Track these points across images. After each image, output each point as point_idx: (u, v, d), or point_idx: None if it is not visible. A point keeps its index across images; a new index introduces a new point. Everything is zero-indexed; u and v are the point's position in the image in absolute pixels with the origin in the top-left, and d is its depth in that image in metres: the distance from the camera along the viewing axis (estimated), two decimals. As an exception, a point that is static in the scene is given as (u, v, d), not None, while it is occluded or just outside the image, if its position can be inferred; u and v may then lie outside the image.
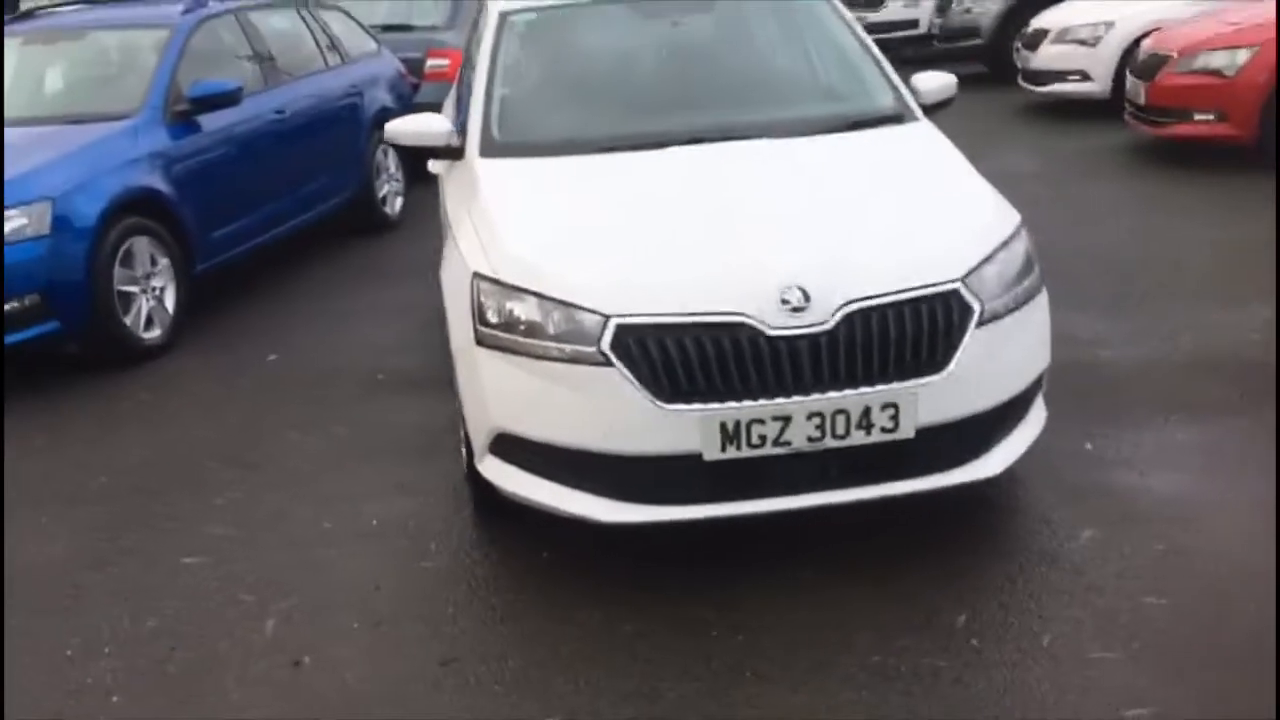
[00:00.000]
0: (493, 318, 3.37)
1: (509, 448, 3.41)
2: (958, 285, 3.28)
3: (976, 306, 3.29)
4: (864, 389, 3.17)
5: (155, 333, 5.81)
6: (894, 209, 3.61)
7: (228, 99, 6.35)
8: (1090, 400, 4.47)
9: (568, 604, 3.35)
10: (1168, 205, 7.41)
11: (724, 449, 3.15)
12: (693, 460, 3.17)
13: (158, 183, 5.87)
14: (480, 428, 3.46)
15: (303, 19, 7.87)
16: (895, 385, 3.19)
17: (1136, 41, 9.70)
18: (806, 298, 3.16)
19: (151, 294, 5.79)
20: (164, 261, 5.87)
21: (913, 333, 3.21)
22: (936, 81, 4.49)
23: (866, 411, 3.18)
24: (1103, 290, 5.70)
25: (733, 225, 3.48)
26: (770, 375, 3.14)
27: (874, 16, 16.50)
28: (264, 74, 7.10)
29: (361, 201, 7.83)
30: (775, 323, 3.15)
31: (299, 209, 7.16)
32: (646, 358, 3.15)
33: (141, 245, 5.73)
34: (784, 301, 3.16)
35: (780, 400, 3.14)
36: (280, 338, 5.94)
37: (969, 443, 3.36)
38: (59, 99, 6.39)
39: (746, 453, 3.16)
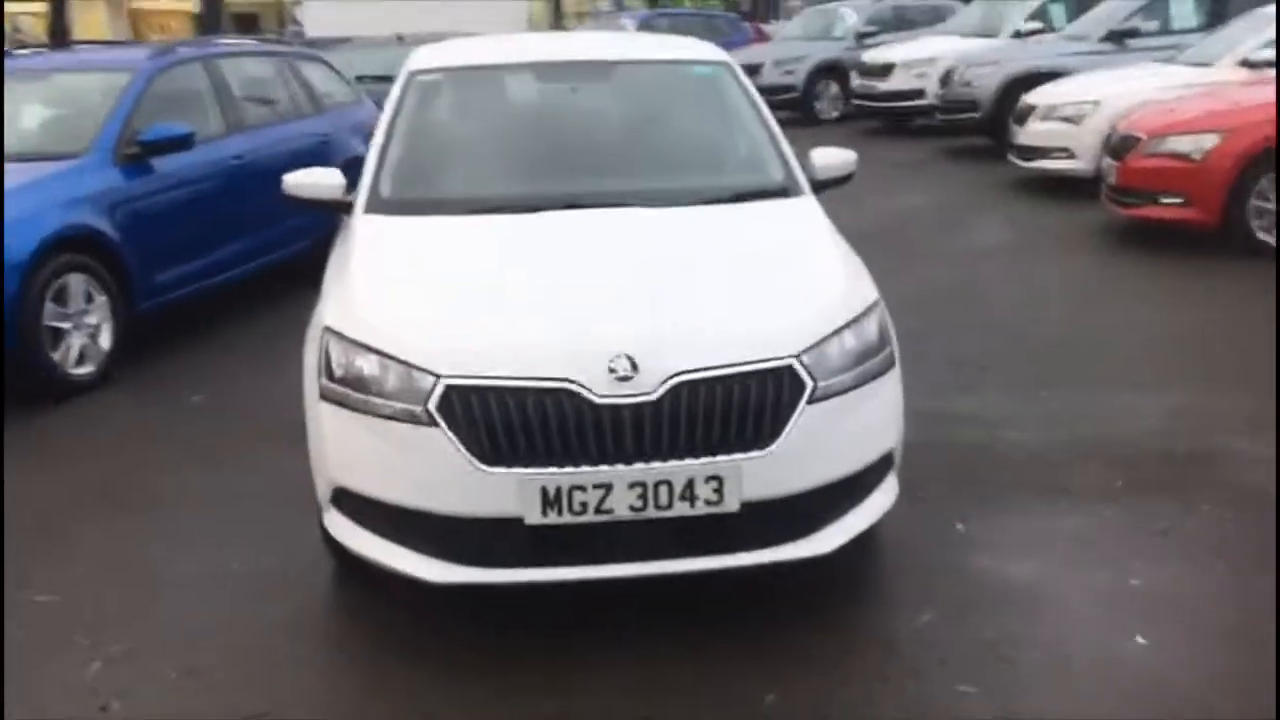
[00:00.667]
0: (338, 372, 3.42)
1: (348, 503, 3.44)
2: (791, 362, 3.30)
3: (809, 384, 3.30)
4: (688, 460, 3.18)
5: (87, 369, 5.91)
6: (744, 283, 3.63)
7: (180, 143, 6.50)
8: (977, 482, 4.45)
9: (394, 666, 3.36)
10: (1123, 288, 7.40)
11: (545, 514, 3.16)
12: (515, 524, 3.19)
13: (98, 222, 5.99)
14: (322, 481, 3.49)
15: (276, 68, 8.05)
16: (720, 459, 3.20)
17: (1124, 120, 9.75)
18: (634, 367, 3.19)
19: (85, 330, 5.90)
20: (101, 299, 5.99)
21: (740, 407, 3.22)
22: (834, 158, 4.53)
23: (690, 483, 3.19)
24: (1025, 373, 5.68)
25: (578, 292, 3.52)
26: (593, 443, 3.16)
27: (882, 85, 16.67)
28: (227, 120, 7.26)
29: (325, 249, 7.91)
30: (601, 390, 3.17)
31: (255, 254, 7.27)
32: (471, 419, 3.18)
33: (77, 282, 5.84)
34: (611, 370, 3.18)
35: (603, 468, 3.16)
36: (211, 380, 6.02)
37: (799, 519, 3.36)
38: (14, 137, 6.55)
39: (568, 519, 3.17)
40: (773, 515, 3.30)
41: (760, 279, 3.67)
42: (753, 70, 18.97)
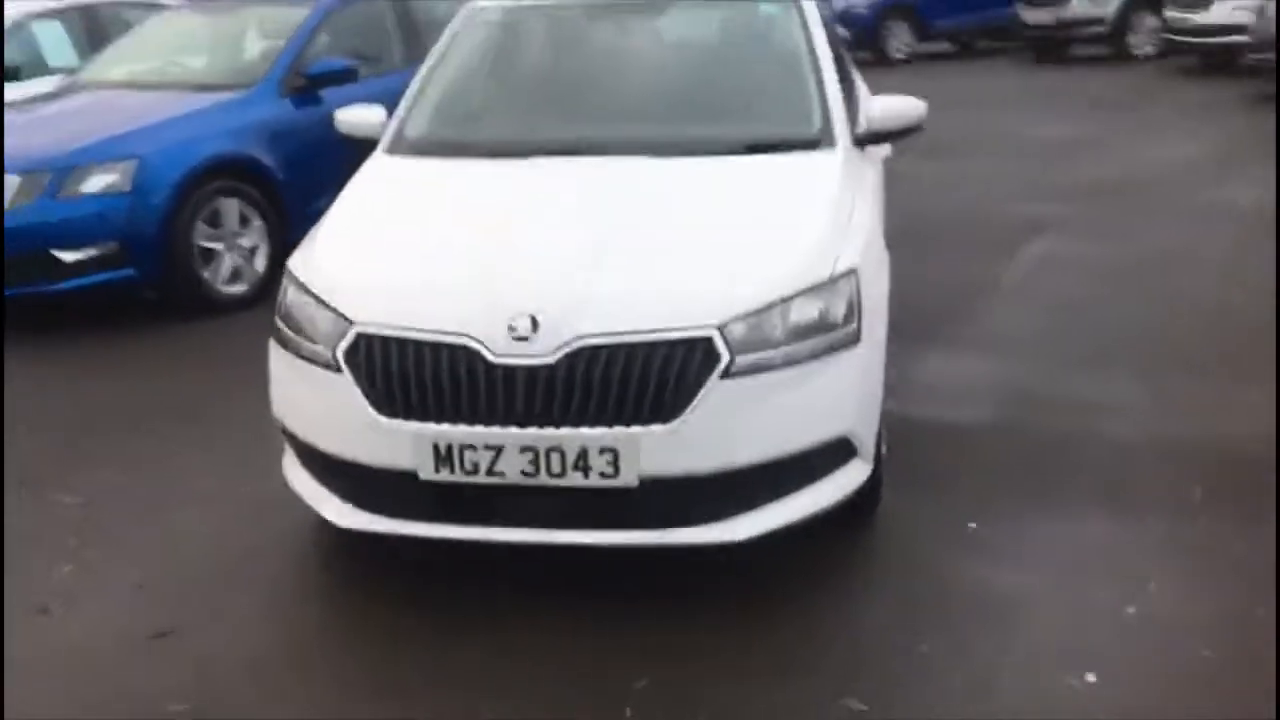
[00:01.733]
0: (283, 312, 3.48)
1: (290, 442, 3.52)
2: (709, 332, 3.06)
3: (725, 357, 3.05)
4: (582, 429, 3.03)
5: (240, 287, 6.33)
6: (696, 244, 3.39)
7: (343, 77, 6.77)
8: (1029, 478, 4.01)
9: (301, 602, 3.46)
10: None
11: (437, 470, 3.11)
12: (410, 477, 3.16)
13: (255, 150, 6.37)
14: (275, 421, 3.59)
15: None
16: (616, 430, 3.02)
17: None
18: (534, 327, 3.06)
19: (238, 252, 6.32)
20: (257, 223, 6.38)
21: (641, 377, 3.03)
22: (895, 108, 4.13)
23: (584, 453, 3.04)
24: (1176, 357, 5.04)
25: (514, 246, 3.42)
26: (483, 402, 3.07)
27: (1199, 18, 15.05)
28: (409, 55, 7.47)
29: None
30: (498, 350, 3.06)
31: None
32: (373, 369, 3.16)
33: (230, 206, 6.25)
34: (511, 329, 3.07)
35: (495, 430, 3.06)
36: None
37: (707, 502, 3.13)
38: (196, 68, 7.04)
39: (460, 478, 3.11)
40: (676, 494, 3.11)
41: (717, 241, 3.41)
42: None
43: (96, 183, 5.87)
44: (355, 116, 4.46)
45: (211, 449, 4.50)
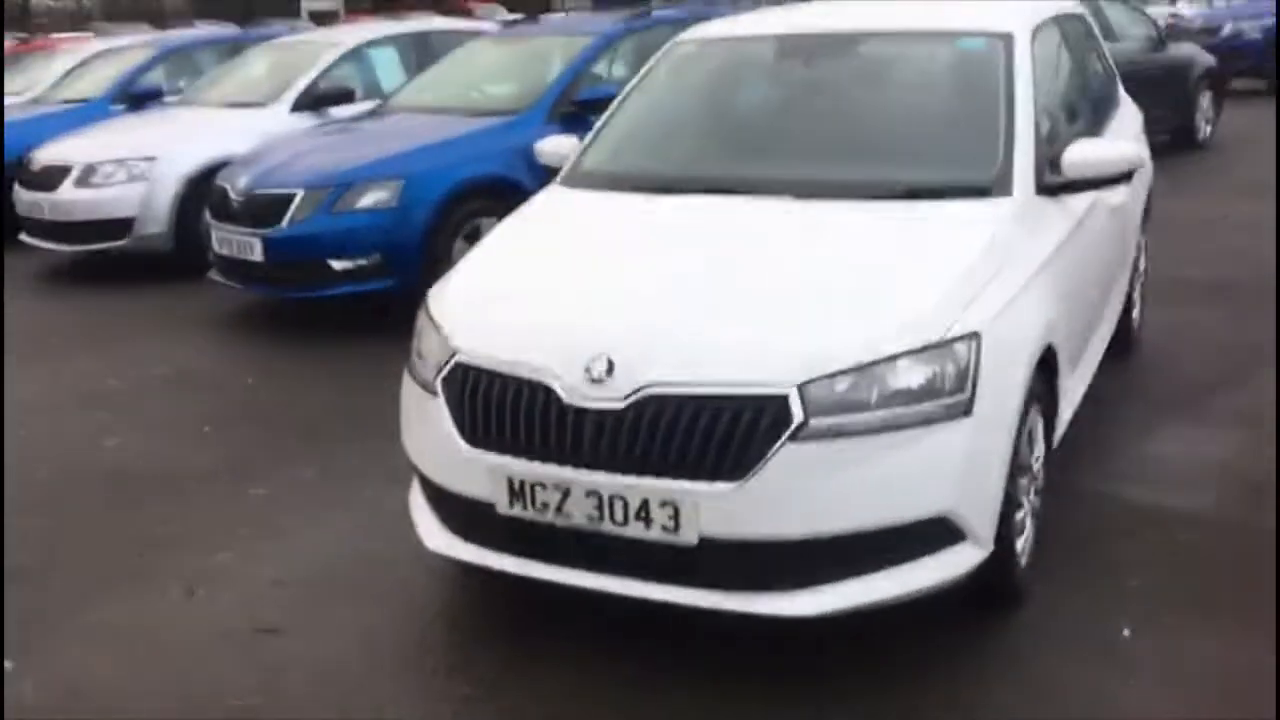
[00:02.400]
0: (415, 341, 3.59)
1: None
2: (787, 390, 2.88)
3: (798, 418, 2.86)
4: (645, 479, 2.94)
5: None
6: (801, 294, 3.20)
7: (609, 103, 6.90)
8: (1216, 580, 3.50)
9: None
10: None
11: (511, 505, 3.12)
12: (489, 508, 3.18)
13: (517, 173, 6.63)
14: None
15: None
16: (677, 484, 2.91)
17: None
18: (610, 371, 3.00)
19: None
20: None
21: (707, 431, 2.89)
22: (1098, 153, 3.73)
23: (645, 504, 2.95)
24: None
25: (615, 286, 3.39)
26: (554, 442, 3.04)
27: None
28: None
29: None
30: (573, 391, 3.03)
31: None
32: (463, 397, 3.21)
33: (490, 225, 6.52)
34: (587, 370, 3.02)
35: (565, 470, 3.02)
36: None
37: (771, 570, 2.95)
38: (485, 94, 7.42)
39: (532, 515, 3.10)
40: (738, 558, 2.95)
41: (825, 292, 3.20)
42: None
43: (369, 199, 6.35)
44: (553, 146, 4.54)
45: (393, 460, 4.72)
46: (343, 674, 3.27)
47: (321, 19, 24.79)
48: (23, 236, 8.55)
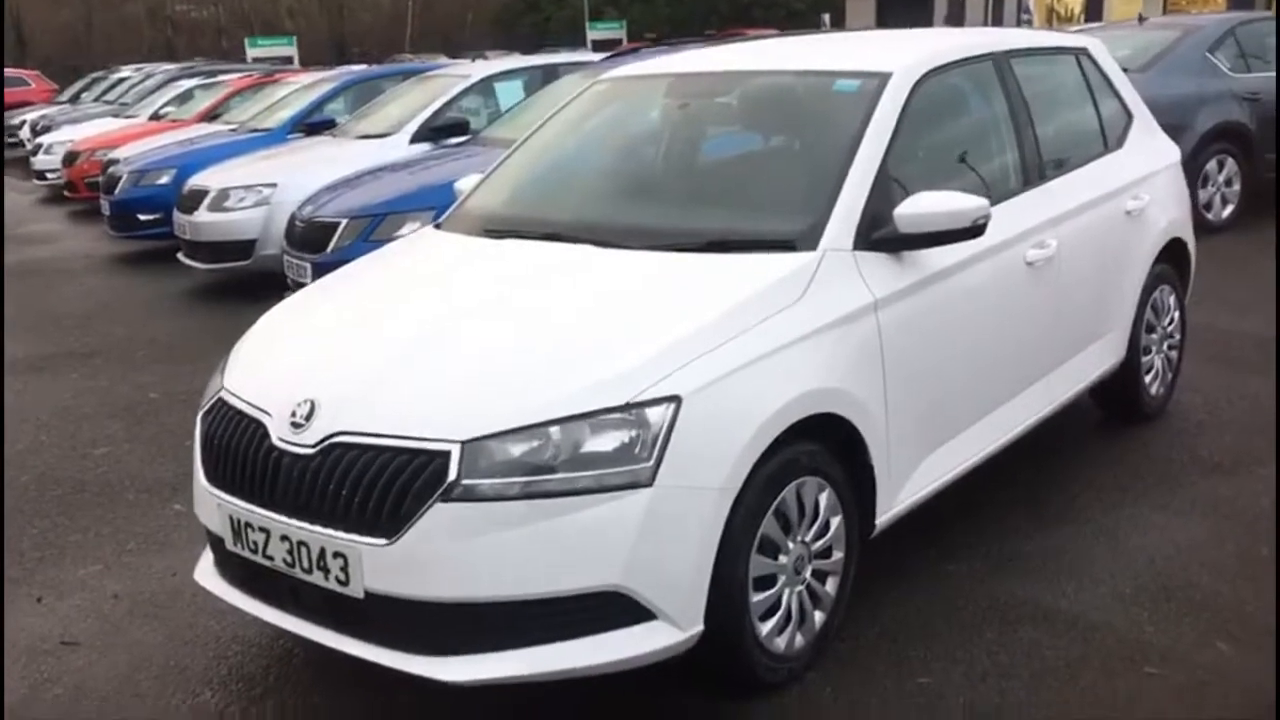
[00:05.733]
0: None
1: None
2: (449, 447, 2.79)
3: (452, 475, 2.76)
4: (323, 529, 2.92)
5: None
6: (520, 351, 3.07)
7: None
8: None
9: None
10: None
11: (235, 543, 3.17)
12: (222, 544, 3.24)
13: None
14: None
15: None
16: (346, 536, 2.87)
17: None
18: (310, 416, 3.00)
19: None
20: None
21: (372, 484, 2.84)
22: (935, 206, 3.39)
23: (323, 553, 2.93)
24: None
25: (363, 332, 3.39)
26: (260, 484, 3.07)
27: None
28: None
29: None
30: (280, 433, 3.05)
31: None
32: (209, 434, 3.29)
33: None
34: (293, 413, 3.04)
35: (266, 513, 3.05)
36: None
37: (427, 631, 2.85)
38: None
39: (247, 554, 3.13)
40: (400, 616, 2.87)
41: (546, 347, 3.07)
42: None
43: (405, 229, 6.52)
44: (463, 184, 4.55)
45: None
46: (106, 688, 3.42)
47: (603, 47, 25.77)
48: (179, 255, 9.35)
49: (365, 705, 3.23)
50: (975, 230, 3.42)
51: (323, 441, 2.94)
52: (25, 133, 21.62)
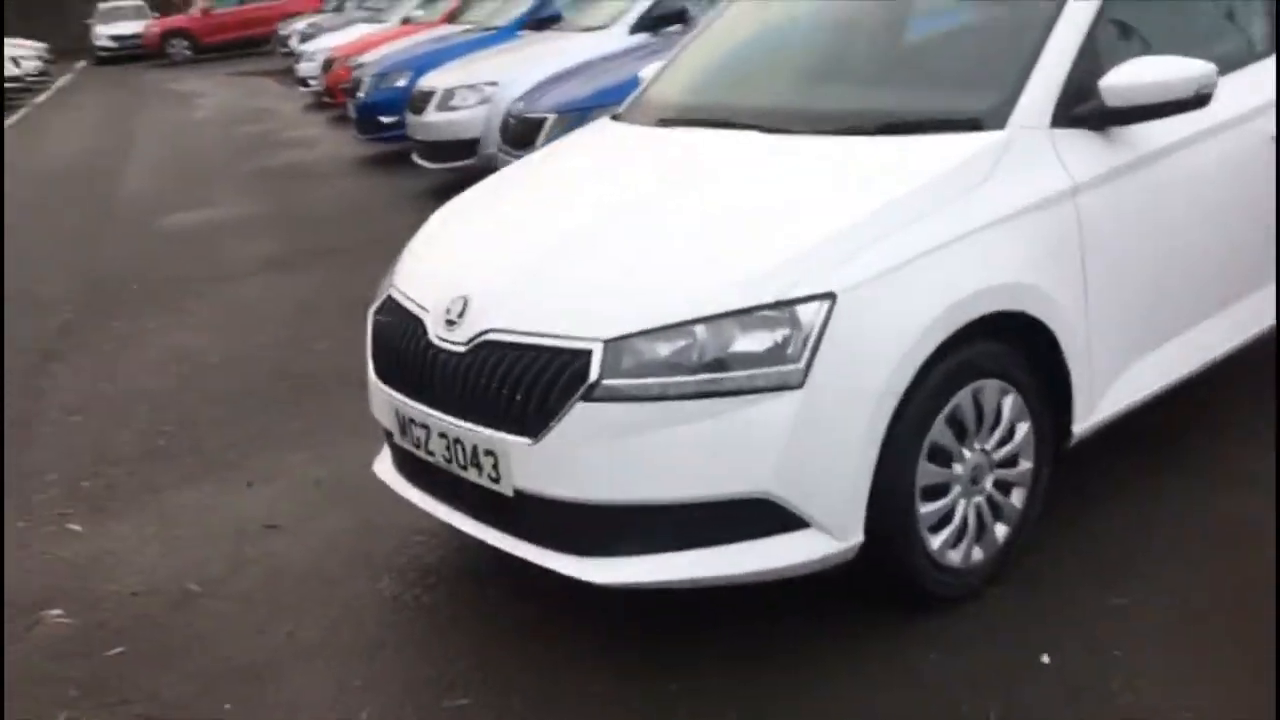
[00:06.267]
0: None
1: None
2: (589, 345, 2.71)
3: (594, 375, 2.68)
4: (476, 426, 2.90)
5: None
6: (671, 246, 2.94)
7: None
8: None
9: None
10: None
11: (402, 437, 3.21)
12: (392, 438, 3.29)
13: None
14: None
15: None
16: (496, 434, 2.85)
17: None
18: (463, 314, 2.97)
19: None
20: None
21: (519, 383, 2.80)
22: (1152, 73, 3.01)
23: (475, 451, 2.92)
24: None
25: (522, 227, 3.33)
26: (420, 381, 3.08)
27: None
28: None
29: None
30: (435, 330, 3.04)
31: None
32: (379, 332, 3.33)
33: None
34: (447, 310, 3.02)
35: (426, 409, 3.06)
36: None
37: (573, 532, 2.80)
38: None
39: (411, 448, 3.17)
40: (546, 515, 2.84)
41: (698, 241, 2.92)
42: None
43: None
44: (649, 73, 4.39)
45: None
46: (299, 570, 3.57)
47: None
48: (413, 157, 9.60)
49: (532, 601, 3.23)
50: (1199, 100, 3.03)
51: (474, 339, 2.91)
52: (295, 42, 22.73)
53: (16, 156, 14.75)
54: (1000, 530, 3.05)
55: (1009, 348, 2.97)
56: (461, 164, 8.87)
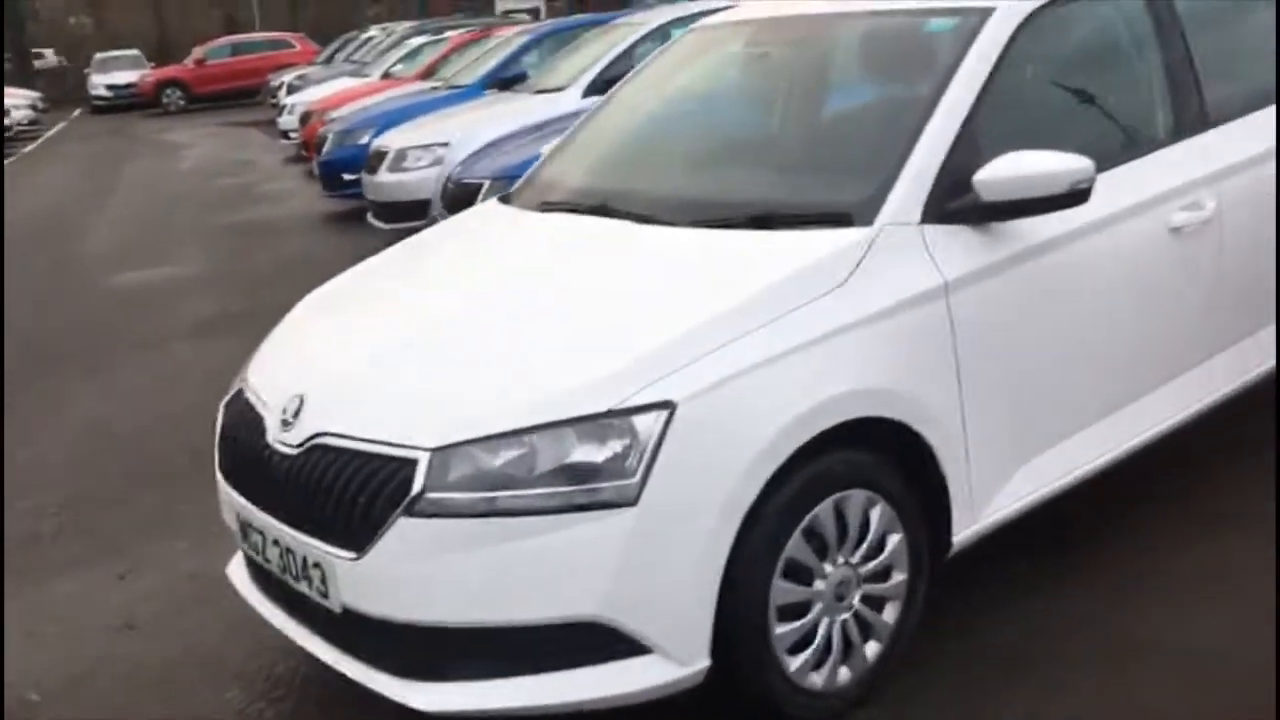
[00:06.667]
0: None
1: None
2: (415, 455, 2.53)
3: (417, 488, 2.50)
4: (305, 536, 2.73)
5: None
6: (513, 347, 2.78)
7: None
8: None
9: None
10: None
11: (243, 541, 3.03)
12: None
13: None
14: None
15: None
16: (323, 546, 2.67)
17: None
18: (298, 414, 2.80)
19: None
20: None
21: (345, 493, 2.62)
22: (1026, 168, 2.85)
23: (305, 562, 2.74)
24: None
25: (370, 320, 3.18)
26: (257, 483, 2.90)
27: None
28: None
29: None
30: (273, 430, 2.87)
31: None
32: (224, 426, 3.15)
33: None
34: (284, 410, 2.85)
35: (263, 514, 2.88)
36: None
37: (400, 653, 2.61)
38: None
39: (251, 552, 2.99)
40: (375, 635, 2.65)
41: (542, 344, 2.76)
42: None
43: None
44: (547, 149, 4.25)
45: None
46: (154, 674, 3.39)
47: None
48: (368, 216, 9.47)
49: None
50: (1074, 197, 2.86)
51: (306, 442, 2.74)
52: (282, 94, 22.78)
53: (-8, 207, 14.69)
54: (871, 648, 2.86)
55: (877, 455, 2.79)
56: (414, 225, 8.72)
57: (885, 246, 2.82)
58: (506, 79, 10.70)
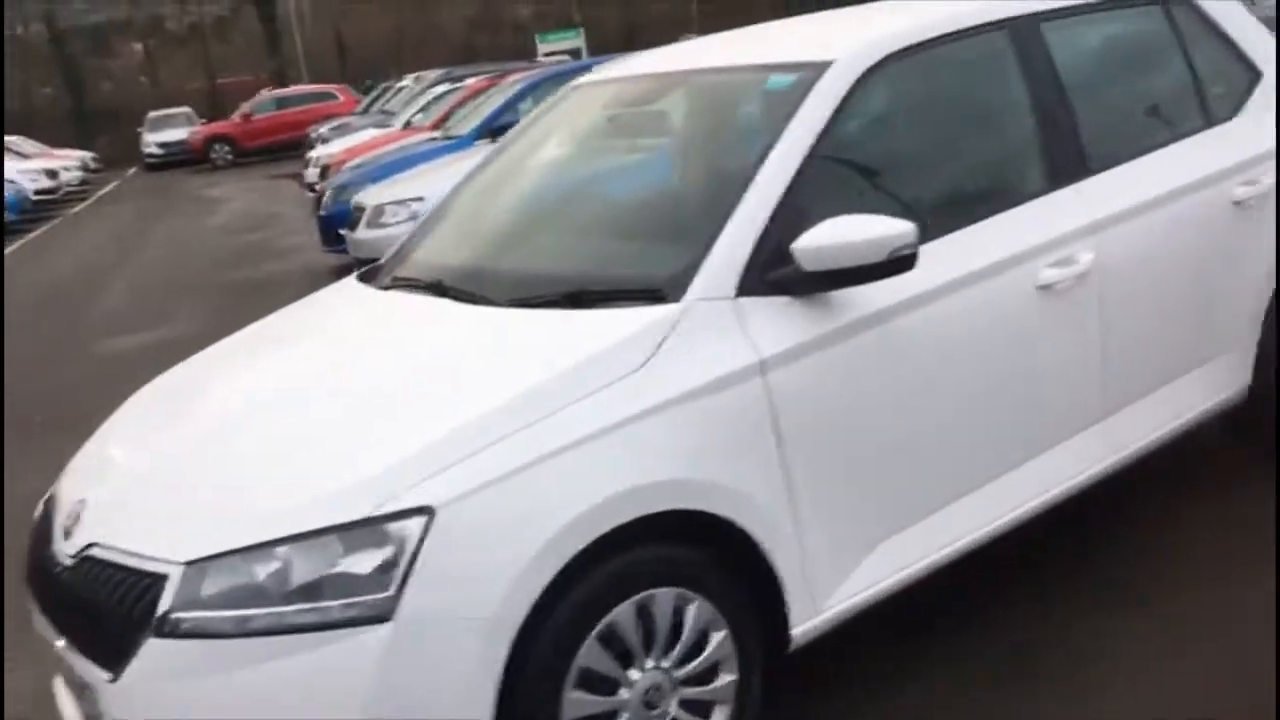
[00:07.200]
0: None
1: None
2: (166, 570, 2.37)
3: (164, 607, 2.34)
4: (74, 653, 2.57)
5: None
6: (287, 448, 2.60)
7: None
8: None
9: None
10: None
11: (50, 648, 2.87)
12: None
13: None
14: None
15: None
16: (88, 664, 2.51)
17: None
18: (77, 522, 2.66)
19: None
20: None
21: (108, 611, 2.47)
22: (846, 234, 2.63)
23: (81, 682, 2.58)
24: None
25: (166, 416, 3.09)
26: (45, 592, 2.76)
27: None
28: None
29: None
30: (57, 539, 2.73)
31: None
32: (34, 528, 3.01)
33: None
34: (66, 516, 2.72)
35: (49, 625, 2.73)
36: None
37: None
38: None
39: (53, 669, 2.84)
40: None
41: (316, 443, 2.59)
42: None
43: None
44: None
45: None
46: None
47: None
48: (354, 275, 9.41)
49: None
50: (896, 264, 2.63)
51: (80, 552, 2.59)
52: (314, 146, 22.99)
53: (17, 273, 14.91)
54: (701, 757, 2.63)
55: (695, 550, 2.58)
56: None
57: (693, 324, 2.61)
58: (497, 129, 10.61)
